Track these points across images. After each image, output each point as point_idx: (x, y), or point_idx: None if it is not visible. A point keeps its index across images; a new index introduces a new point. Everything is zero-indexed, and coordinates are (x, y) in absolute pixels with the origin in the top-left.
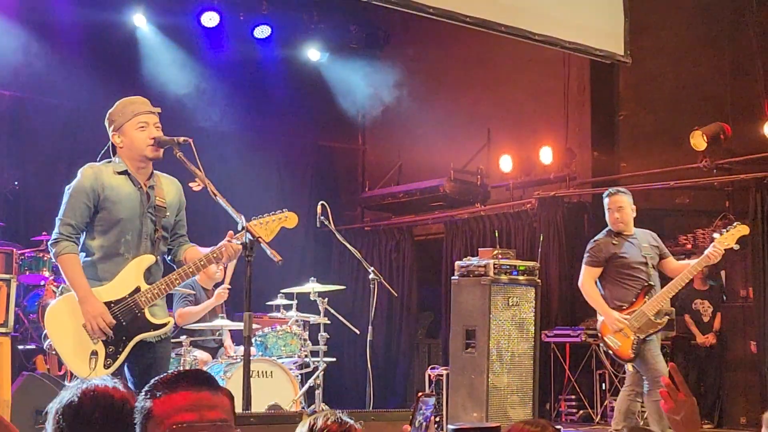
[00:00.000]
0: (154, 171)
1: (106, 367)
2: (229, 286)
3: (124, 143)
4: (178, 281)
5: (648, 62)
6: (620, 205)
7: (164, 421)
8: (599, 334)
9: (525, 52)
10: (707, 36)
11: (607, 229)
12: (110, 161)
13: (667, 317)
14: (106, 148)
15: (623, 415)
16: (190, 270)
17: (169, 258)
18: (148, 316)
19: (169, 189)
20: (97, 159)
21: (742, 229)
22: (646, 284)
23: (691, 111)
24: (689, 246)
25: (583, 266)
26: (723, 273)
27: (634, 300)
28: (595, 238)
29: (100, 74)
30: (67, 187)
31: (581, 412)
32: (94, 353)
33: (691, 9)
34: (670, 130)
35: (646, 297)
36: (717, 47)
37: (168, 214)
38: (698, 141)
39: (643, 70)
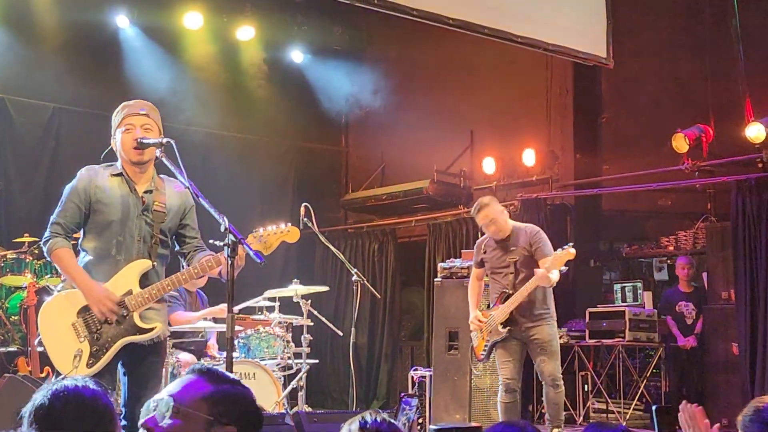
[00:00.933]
0: (160, 176)
1: (89, 366)
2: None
3: (115, 146)
4: (170, 287)
5: (630, 65)
6: (492, 218)
7: None
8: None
9: (508, 54)
10: (689, 39)
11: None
12: (111, 164)
13: (509, 328)
14: (108, 149)
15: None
16: (183, 277)
17: (186, 262)
18: (135, 319)
19: (171, 193)
20: (101, 159)
21: (569, 255)
22: (504, 291)
23: (673, 113)
24: (671, 248)
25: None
26: (704, 275)
27: (495, 303)
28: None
29: (82, 75)
30: (65, 187)
31: (563, 413)
32: (79, 352)
33: (672, 12)
34: (652, 132)
35: (502, 303)
36: (698, 50)
37: (167, 218)
38: (680, 143)
39: (625, 72)
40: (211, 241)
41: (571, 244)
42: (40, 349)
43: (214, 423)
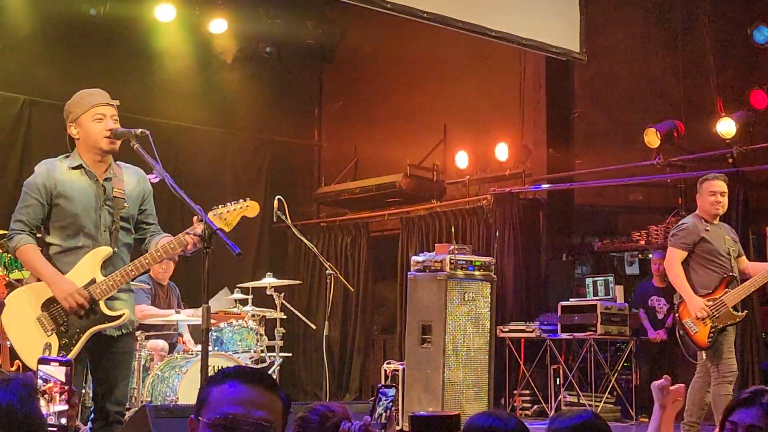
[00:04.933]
0: (117, 162)
1: None
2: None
3: (81, 135)
4: (134, 272)
5: (602, 60)
6: (723, 190)
7: (214, 409)
8: (677, 317)
9: (481, 48)
10: (661, 34)
11: (694, 213)
12: (67, 156)
13: (746, 311)
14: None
15: (697, 407)
16: (147, 261)
17: (143, 249)
18: (103, 307)
19: (129, 179)
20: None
21: None
22: (729, 274)
23: (645, 109)
24: (642, 242)
25: (671, 248)
26: None
27: (716, 288)
28: (683, 221)
29: (53, 66)
30: (23, 183)
31: (535, 407)
32: (48, 345)
33: (645, 8)
34: (624, 127)
35: (728, 287)
36: (670, 46)
37: (127, 205)
38: (652, 138)
39: (598, 68)
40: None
41: None
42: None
43: None
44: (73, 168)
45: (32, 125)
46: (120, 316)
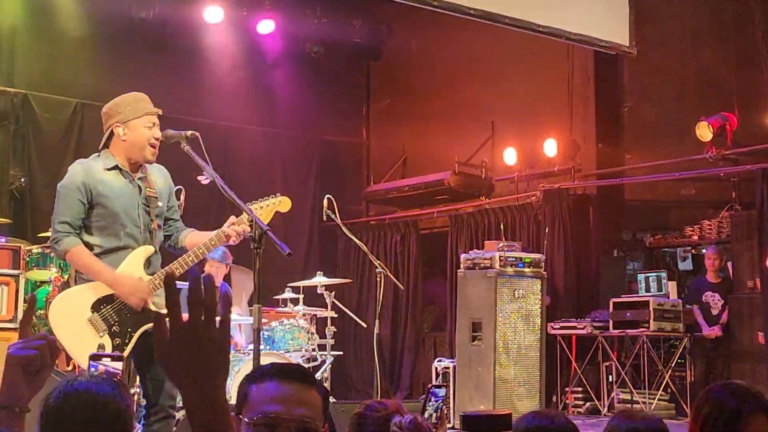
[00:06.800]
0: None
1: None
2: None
3: (129, 138)
4: (179, 270)
5: (652, 53)
6: None
7: (255, 408)
8: None
9: (529, 44)
10: (712, 26)
11: None
12: (98, 156)
13: None
14: (107, 137)
15: None
16: (190, 259)
17: (169, 245)
18: (151, 306)
19: (157, 178)
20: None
21: None
22: None
23: (697, 102)
24: (695, 237)
25: None
26: (730, 264)
27: None
28: None
29: (104, 69)
30: (58, 185)
31: (588, 404)
32: (101, 347)
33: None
34: (675, 121)
35: None
36: (722, 37)
37: (159, 203)
38: (704, 132)
39: (648, 61)
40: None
41: None
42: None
43: None
44: (109, 169)
45: (84, 128)
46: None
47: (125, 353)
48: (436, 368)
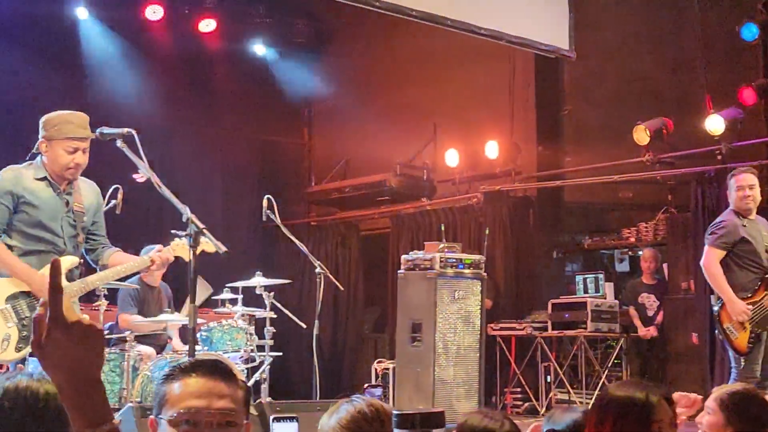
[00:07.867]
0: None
1: (17, 350)
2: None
3: (49, 156)
4: (97, 283)
5: (592, 58)
6: (752, 183)
7: (175, 405)
8: (717, 320)
9: (471, 46)
10: (650, 32)
11: (729, 209)
12: (31, 164)
13: None
14: (35, 149)
15: None
16: (110, 275)
17: (90, 258)
18: None
19: (87, 193)
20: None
21: None
22: (767, 274)
23: (634, 106)
24: (632, 239)
25: (708, 247)
26: (665, 266)
27: (756, 290)
28: (721, 218)
29: (41, 69)
30: None
31: (526, 404)
32: (7, 336)
33: (633, 5)
34: (614, 124)
35: None
36: (659, 43)
37: (86, 219)
38: (641, 136)
39: (587, 65)
40: (172, 232)
41: None
42: None
43: None
44: (38, 179)
45: (20, 128)
46: None
47: (29, 347)
48: (376, 369)
